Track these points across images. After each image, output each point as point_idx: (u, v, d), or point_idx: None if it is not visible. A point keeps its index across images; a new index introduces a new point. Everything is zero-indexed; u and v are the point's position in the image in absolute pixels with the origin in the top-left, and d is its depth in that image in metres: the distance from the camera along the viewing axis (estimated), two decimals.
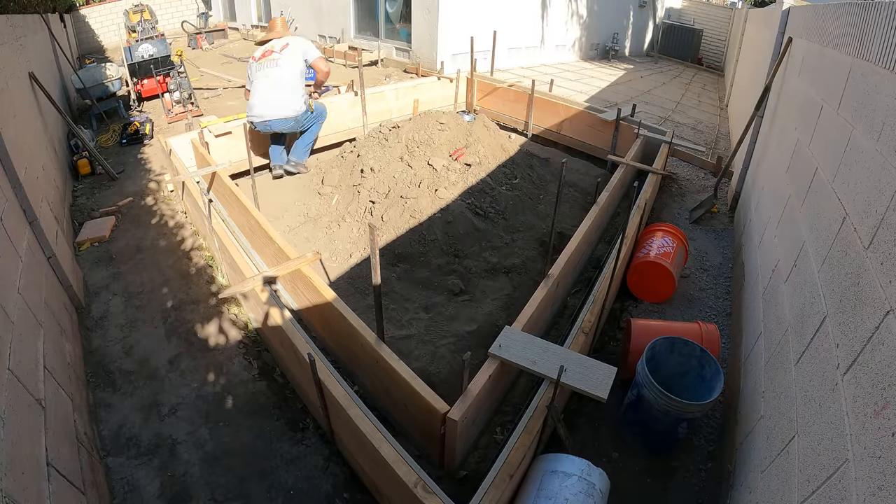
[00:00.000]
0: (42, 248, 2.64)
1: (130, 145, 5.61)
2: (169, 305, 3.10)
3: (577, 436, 2.33)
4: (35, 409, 1.66)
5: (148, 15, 9.67)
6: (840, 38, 2.23)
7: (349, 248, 3.69)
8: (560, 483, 1.67)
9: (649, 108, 7.67)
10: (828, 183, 1.86)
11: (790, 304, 1.90)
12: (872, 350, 1.14)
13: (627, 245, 3.06)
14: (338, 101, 5.38)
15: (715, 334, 2.49)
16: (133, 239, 3.77)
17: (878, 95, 1.58)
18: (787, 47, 3.65)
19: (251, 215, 3.16)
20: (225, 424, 2.34)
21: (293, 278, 2.76)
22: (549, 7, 10.63)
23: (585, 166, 5.39)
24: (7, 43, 3.79)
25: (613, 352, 2.86)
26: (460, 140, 4.46)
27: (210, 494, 2.04)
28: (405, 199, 3.87)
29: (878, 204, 1.34)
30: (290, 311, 2.46)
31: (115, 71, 6.42)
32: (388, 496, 1.88)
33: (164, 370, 2.62)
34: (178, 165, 3.84)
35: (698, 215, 4.25)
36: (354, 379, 2.51)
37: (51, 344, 2.13)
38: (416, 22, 9.07)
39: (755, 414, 1.90)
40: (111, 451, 2.19)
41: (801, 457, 1.35)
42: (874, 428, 1.03)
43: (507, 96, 6.20)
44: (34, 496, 1.38)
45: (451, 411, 1.75)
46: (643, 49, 14.72)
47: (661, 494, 2.10)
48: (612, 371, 1.88)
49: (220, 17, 14.97)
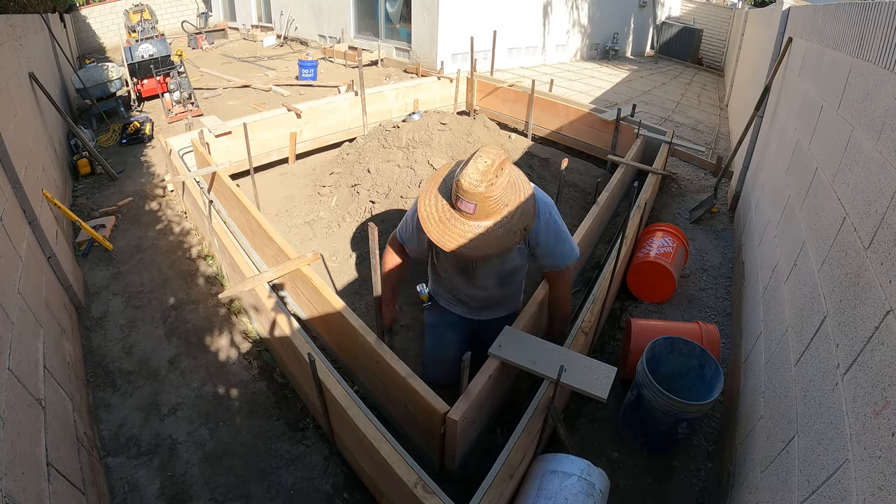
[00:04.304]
0: (42, 248, 2.64)
1: (130, 145, 5.61)
2: (169, 305, 3.10)
3: (577, 436, 2.33)
4: (35, 409, 1.66)
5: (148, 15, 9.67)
6: (840, 38, 2.23)
7: (349, 248, 3.69)
8: (560, 483, 1.67)
9: (649, 108, 7.67)
10: (828, 183, 1.86)
11: (790, 304, 1.90)
12: (872, 350, 1.14)
13: (627, 245, 3.06)
14: (338, 101, 5.38)
15: (715, 334, 2.49)
16: (133, 239, 3.77)
17: (878, 95, 1.58)
18: (787, 47, 3.65)
19: (251, 215, 3.16)
20: (225, 424, 2.34)
21: (293, 278, 2.76)
22: (549, 7, 10.63)
23: (585, 166, 5.39)
24: (7, 43, 3.79)
25: (613, 352, 2.86)
26: (460, 140, 4.46)
27: (210, 494, 2.04)
28: (405, 200, 3.87)
29: (878, 204, 1.34)
30: (289, 311, 2.46)
31: (115, 71, 6.42)
32: (388, 496, 1.88)
33: (164, 370, 2.62)
34: (178, 165, 3.84)
35: (698, 215, 4.25)
36: (354, 379, 2.51)
37: (51, 344, 2.13)
38: (416, 22, 9.07)
39: (755, 414, 1.90)
40: (111, 451, 2.19)
41: (801, 457, 1.35)
42: (874, 428, 1.03)
43: (507, 96, 6.20)
44: (34, 496, 1.38)
45: (451, 411, 1.75)
46: (643, 49, 14.72)
47: (661, 494, 2.10)
48: (612, 371, 1.88)
49: (220, 17, 14.97)
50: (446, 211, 1.72)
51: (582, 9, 11.66)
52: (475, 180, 1.60)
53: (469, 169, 1.61)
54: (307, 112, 5.07)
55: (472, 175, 1.60)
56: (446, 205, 1.73)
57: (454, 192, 1.66)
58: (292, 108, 4.96)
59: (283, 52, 11.32)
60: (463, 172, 1.61)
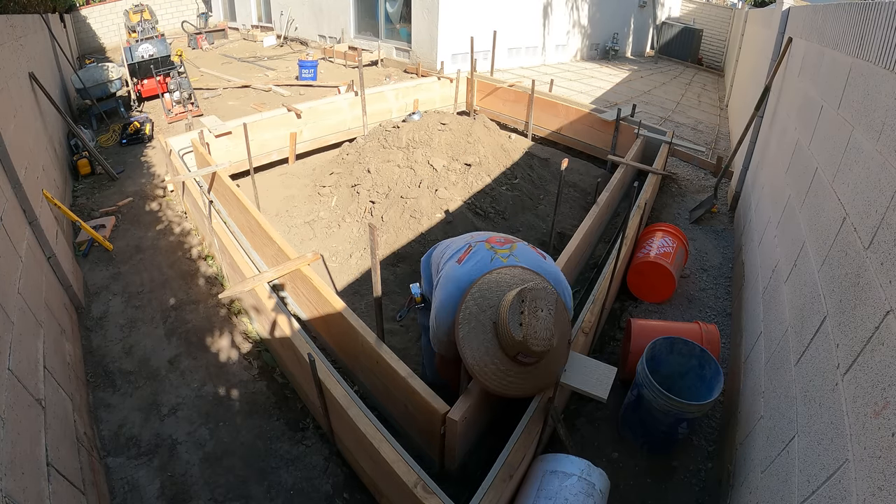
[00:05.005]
0: (42, 249, 2.64)
1: (130, 145, 5.61)
2: (169, 305, 3.09)
3: (577, 436, 2.33)
4: (35, 409, 1.66)
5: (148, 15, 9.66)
6: (840, 39, 2.23)
7: (349, 248, 3.69)
8: (560, 483, 1.67)
9: (649, 108, 7.67)
10: (828, 183, 1.86)
11: (790, 304, 1.90)
12: (872, 350, 1.14)
13: (627, 245, 3.06)
14: (338, 101, 5.38)
15: (715, 334, 2.49)
16: (133, 239, 3.77)
17: (878, 95, 1.58)
18: (787, 47, 3.65)
19: (251, 215, 3.16)
20: (225, 424, 2.34)
21: (293, 279, 2.76)
22: (549, 7, 10.63)
23: (585, 166, 5.39)
24: (7, 43, 3.79)
25: (613, 352, 2.86)
26: (460, 140, 4.46)
27: (210, 494, 2.04)
28: (405, 200, 3.87)
29: (878, 204, 1.34)
30: (289, 311, 2.46)
31: (115, 71, 6.41)
32: (387, 496, 1.88)
33: (164, 370, 2.62)
34: (178, 165, 3.84)
35: (698, 215, 4.25)
36: (354, 379, 2.51)
37: (51, 344, 2.13)
38: (416, 22, 9.07)
39: (755, 414, 1.89)
40: (111, 451, 2.19)
41: (801, 457, 1.35)
42: (874, 428, 1.03)
43: (507, 96, 6.20)
44: (34, 496, 1.38)
45: (451, 411, 1.75)
46: (643, 49, 14.72)
47: (661, 494, 2.10)
48: (612, 371, 1.88)
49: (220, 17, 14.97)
50: (504, 362, 1.62)
51: (582, 9, 11.65)
52: (544, 340, 1.52)
53: (534, 330, 1.51)
54: (307, 112, 5.07)
55: (541, 335, 1.51)
56: (504, 358, 1.61)
57: (515, 348, 1.55)
58: (292, 108, 4.96)
59: (283, 52, 11.32)
60: (529, 334, 1.50)
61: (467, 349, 1.62)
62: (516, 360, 1.61)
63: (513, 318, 1.53)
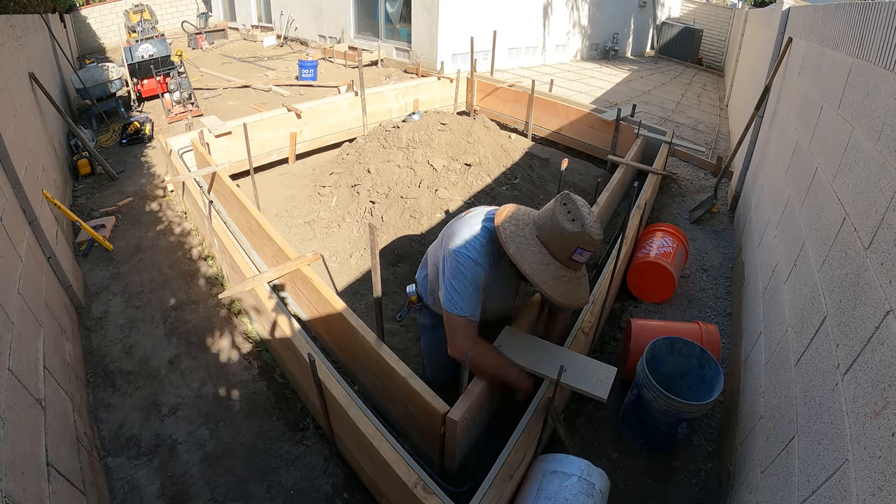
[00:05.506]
0: (42, 249, 2.64)
1: (130, 145, 5.61)
2: (169, 306, 3.10)
3: (577, 436, 2.33)
4: (35, 409, 1.66)
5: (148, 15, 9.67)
6: (840, 39, 2.23)
7: (349, 248, 3.69)
8: (560, 483, 1.67)
9: (649, 109, 7.67)
10: (828, 183, 1.86)
11: (790, 304, 1.90)
12: (872, 350, 1.14)
13: (627, 245, 3.06)
14: (338, 101, 5.38)
15: (715, 334, 2.49)
16: (133, 239, 3.77)
17: (878, 95, 1.58)
18: (787, 47, 3.66)
19: (251, 215, 3.16)
20: (225, 424, 2.34)
21: (293, 279, 2.76)
22: (549, 7, 10.63)
23: (585, 166, 5.40)
24: (7, 43, 3.79)
25: (613, 352, 2.86)
26: (460, 140, 4.46)
27: (210, 494, 2.04)
28: (405, 200, 3.87)
29: (878, 204, 1.34)
30: (289, 311, 2.46)
31: (115, 71, 6.42)
32: (387, 496, 1.88)
33: (164, 370, 2.62)
34: (178, 165, 3.84)
35: (698, 215, 4.25)
36: (354, 379, 2.51)
37: (51, 344, 2.13)
38: (416, 22, 9.08)
39: (755, 414, 1.89)
40: (111, 451, 2.19)
41: (801, 457, 1.35)
42: (874, 428, 1.03)
43: (507, 96, 6.20)
44: (34, 496, 1.38)
45: (451, 411, 1.75)
46: (643, 49, 14.72)
47: (661, 494, 2.10)
48: (612, 371, 1.88)
49: (220, 17, 14.98)
50: (558, 268, 1.67)
51: (582, 9, 11.66)
52: (599, 228, 1.61)
53: (591, 219, 1.60)
54: (307, 112, 5.07)
55: (595, 224, 1.61)
56: (557, 264, 1.66)
57: (573, 243, 1.60)
58: (292, 108, 4.96)
59: (283, 52, 11.32)
60: (586, 224, 1.58)
61: (524, 262, 1.66)
62: (570, 263, 1.66)
63: (562, 217, 1.61)
